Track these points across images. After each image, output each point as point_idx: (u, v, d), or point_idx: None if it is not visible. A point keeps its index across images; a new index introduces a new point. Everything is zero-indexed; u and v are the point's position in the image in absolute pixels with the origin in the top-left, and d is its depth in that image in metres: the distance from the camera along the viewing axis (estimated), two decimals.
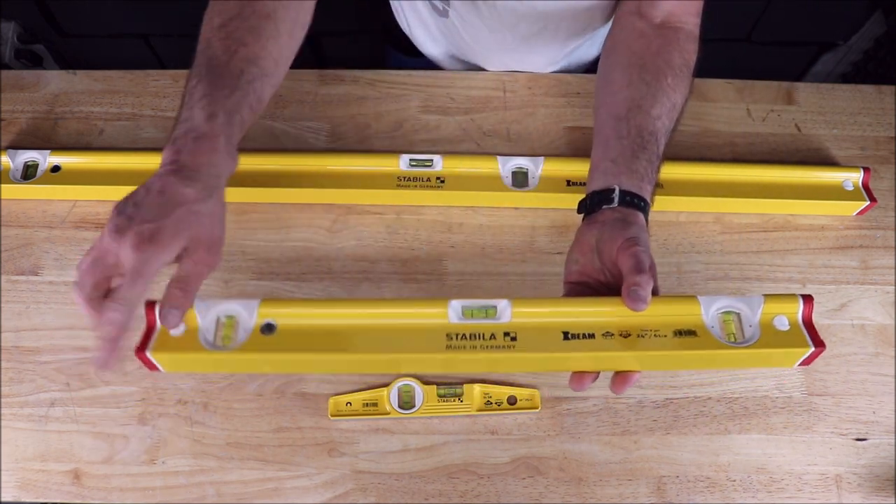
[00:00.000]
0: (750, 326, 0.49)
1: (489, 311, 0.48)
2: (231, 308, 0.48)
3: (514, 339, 0.47)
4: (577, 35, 0.78)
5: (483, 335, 0.47)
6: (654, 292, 0.49)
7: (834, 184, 0.73)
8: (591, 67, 0.89)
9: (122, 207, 0.45)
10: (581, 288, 0.53)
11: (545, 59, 0.82)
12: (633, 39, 0.60)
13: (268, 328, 0.48)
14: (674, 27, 0.60)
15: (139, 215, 0.44)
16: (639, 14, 0.61)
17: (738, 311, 0.50)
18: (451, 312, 0.48)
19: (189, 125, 0.48)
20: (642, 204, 0.52)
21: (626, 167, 0.53)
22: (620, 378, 0.50)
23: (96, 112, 0.77)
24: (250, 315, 0.48)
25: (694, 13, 0.61)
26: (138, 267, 0.43)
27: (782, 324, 0.49)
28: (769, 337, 0.49)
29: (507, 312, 0.48)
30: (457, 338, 0.47)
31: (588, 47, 0.85)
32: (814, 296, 0.50)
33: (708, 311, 0.49)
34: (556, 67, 0.85)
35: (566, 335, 0.48)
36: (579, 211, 0.55)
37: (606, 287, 0.51)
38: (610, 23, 0.70)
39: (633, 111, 0.55)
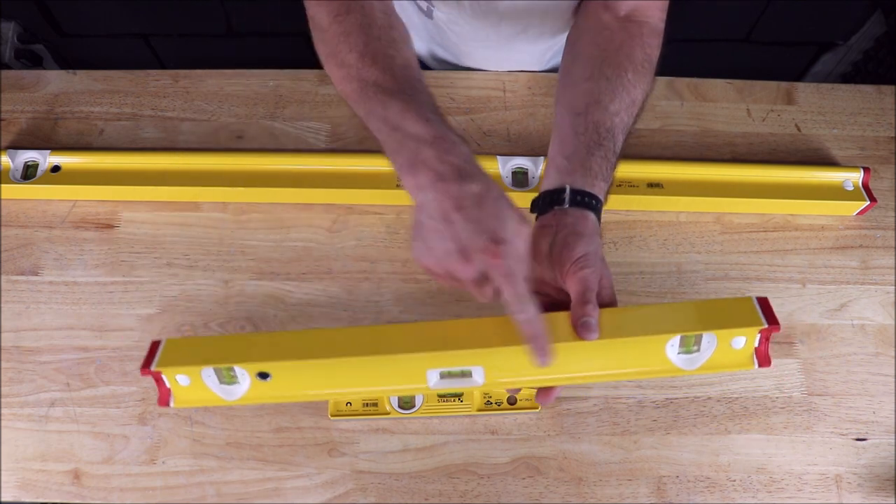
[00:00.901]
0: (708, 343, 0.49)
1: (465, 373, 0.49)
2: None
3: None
4: (561, 32, 0.78)
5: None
6: (611, 304, 0.50)
7: (834, 184, 0.73)
8: None
9: (433, 245, 0.44)
10: (540, 298, 0.50)
11: (531, 57, 0.82)
12: (597, 32, 0.60)
13: (263, 376, 0.50)
14: (638, 21, 0.60)
15: (466, 239, 0.43)
16: (604, 7, 0.60)
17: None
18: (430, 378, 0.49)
19: (415, 141, 0.46)
20: (594, 202, 0.52)
21: (580, 164, 0.53)
22: (544, 391, 0.51)
23: (96, 112, 0.77)
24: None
25: (659, 8, 0.61)
26: (508, 270, 0.43)
27: (739, 343, 0.49)
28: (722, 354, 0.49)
29: (481, 376, 0.49)
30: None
31: None
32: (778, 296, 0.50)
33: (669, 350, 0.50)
34: (544, 66, 0.85)
35: None
36: (532, 210, 0.55)
37: (562, 303, 0.51)
38: None
39: (592, 106, 0.55)
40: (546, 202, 0.53)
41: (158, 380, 0.50)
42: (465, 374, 0.49)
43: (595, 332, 0.46)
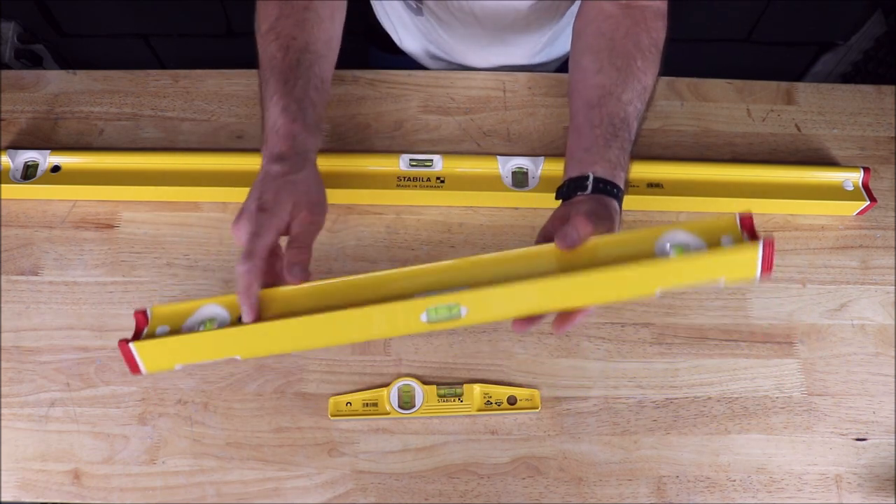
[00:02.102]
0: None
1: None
2: (212, 311, 0.50)
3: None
4: (549, 25, 0.78)
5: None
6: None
7: (834, 184, 0.73)
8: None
9: (240, 211, 0.52)
10: None
11: (523, 51, 0.82)
12: (601, 21, 0.60)
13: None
14: (640, 6, 0.60)
15: (245, 204, 0.52)
16: None
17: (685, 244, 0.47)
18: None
19: (270, 123, 0.55)
20: (615, 191, 0.53)
21: (599, 156, 0.54)
22: (562, 316, 0.49)
23: (96, 112, 0.77)
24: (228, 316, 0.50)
25: None
26: (255, 230, 0.49)
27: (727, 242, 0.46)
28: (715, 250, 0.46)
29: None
30: None
31: (569, 36, 0.85)
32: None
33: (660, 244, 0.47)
34: (538, 59, 0.85)
35: None
36: (557, 197, 0.56)
37: None
38: (574, 6, 0.71)
39: (605, 98, 0.56)
40: (570, 188, 0.54)
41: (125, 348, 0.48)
42: (454, 309, 0.47)
43: (571, 241, 0.46)
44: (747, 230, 0.46)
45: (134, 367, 0.48)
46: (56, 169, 0.72)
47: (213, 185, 0.71)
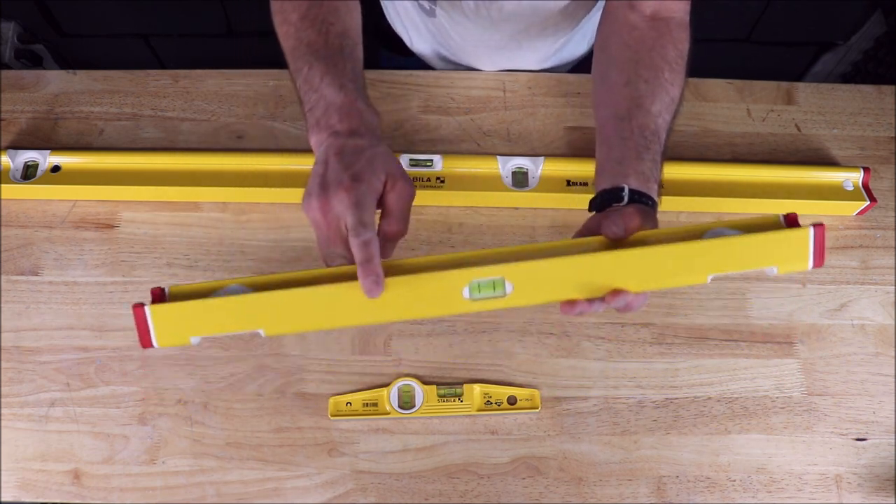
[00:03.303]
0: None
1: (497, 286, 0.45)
2: (235, 290, 0.46)
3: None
4: (565, 31, 0.78)
5: None
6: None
7: (834, 184, 0.73)
8: (582, 62, 0.89)
9: (310, 188, 0.47)
10: None
11: (536, 55, 0.82)
12: (626, 33, 0.60)
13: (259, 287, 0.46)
14: (665, 18, 0.60)
15: (332, 176, 0.46)
16: (630, 7, 0.61)
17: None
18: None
19: (326, 102, 0.51)
20: (650, 203, 0.52)
21: (632, 168, 0.53)
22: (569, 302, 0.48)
23: (96, 112, 0.77)
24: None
25: (683, 1, 0.61)
26: (357, 200, 0.44)
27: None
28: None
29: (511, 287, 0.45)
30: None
31: (578, 42, 0.85)
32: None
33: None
34: (548, 64, 0.85)
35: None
36: (590, 209, 0.55)
37: None
38: (597, 15, 0.70)
39: (634, 111, 0.55)
40: (605, 200, 0.53)
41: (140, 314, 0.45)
42: (498, 286, 0.45)
43: (619, 229, 0.46)
44: (791, 226, 0.46)
45: (146, 338, 0.44)
46: (56, 169, 0.72)
47: (213, 185, 0.71)
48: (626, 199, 0.52)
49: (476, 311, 0.44)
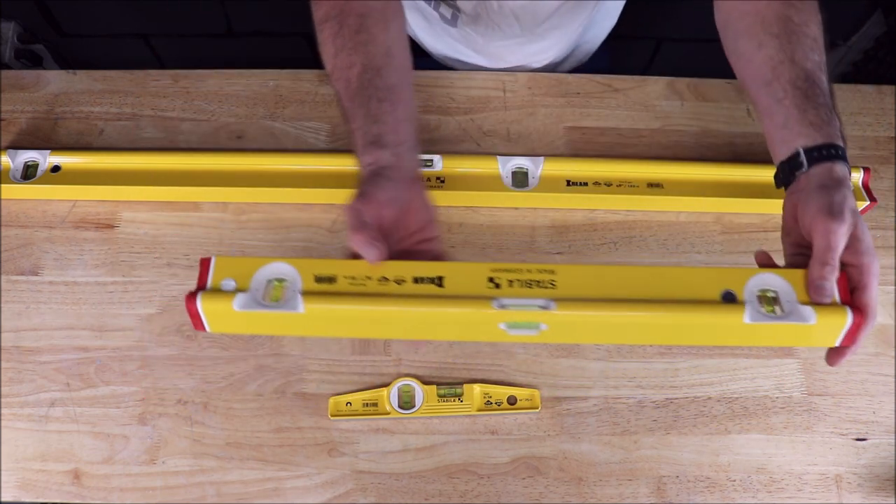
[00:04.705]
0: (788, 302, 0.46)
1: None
2: (281, 269, 0.47)
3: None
4: (587, 12, 0.78)
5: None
6: (867, 262, 0.46)
7: None
8: (598, 51, 0.89)
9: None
10: (800, 259, 0.50)
11: (560, 44, 0.82)
12: (740, 3, 0.58)
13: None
14: None
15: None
16: None
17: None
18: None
19: (368, 151, 0.53)
20: (834, 151, 0.49)
21: (799, 125, 0.51)
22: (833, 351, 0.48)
23: (96, 112, 0.77)
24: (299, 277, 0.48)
25: None
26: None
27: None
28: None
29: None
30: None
31: (601, 22, 0.84)
32: None
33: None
34: (570, 50, 0.85)
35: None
36: (777, 185, 0.53)
37: None
38: None
39: (778, 68, 0.53)
40: (787, 172, 0.51)
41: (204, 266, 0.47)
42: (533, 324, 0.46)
43: (827, 297, 0.45)
44: (841, 290, 0.46)
45: (198, 323, 0.47)
46: (56, 169, 0.72)
47: (213, 185, 0.71)
48: (805, 163, 0.49)
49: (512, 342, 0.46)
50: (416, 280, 0.47)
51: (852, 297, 0.46)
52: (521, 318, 0.45)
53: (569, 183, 0.71)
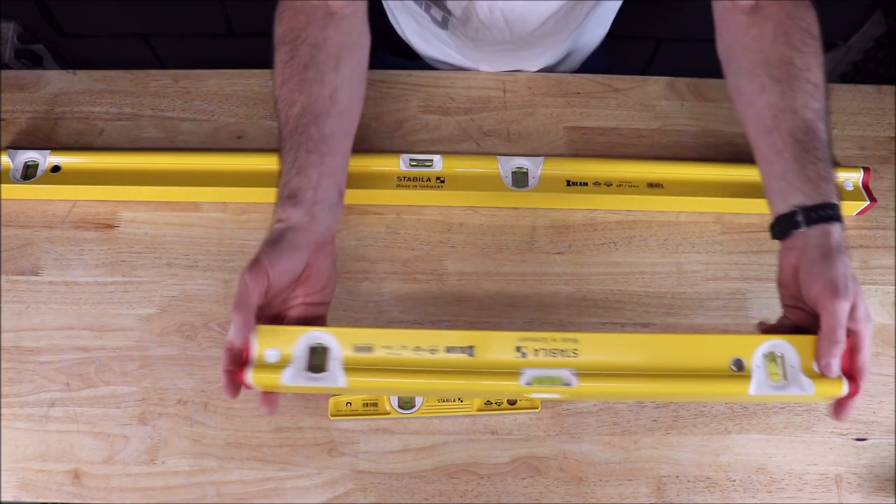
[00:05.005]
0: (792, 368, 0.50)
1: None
2: (321, 337, 0.50)
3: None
4: (577, 21, 0.78)
5: None
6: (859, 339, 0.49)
7: None
8: (598, 51, 0.89)
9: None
10: (798, 312, 0.53)
11: (550, 51, 0.82)
12: (743, 36, 0.58)
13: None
14: (775, 2, 0.57)
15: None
16: (735, 7, 0.58)
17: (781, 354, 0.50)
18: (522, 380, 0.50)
19: (283, 206, 0.54)
20: (829, 211, 0.50)
21: (797, 180, 0.51)
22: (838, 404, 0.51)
23: (96, 112, 0.77)
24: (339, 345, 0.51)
25: None
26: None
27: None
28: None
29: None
30: None
31: (592, 29, 0.84)
32: None
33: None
34: (560, 57, 0.85)
35: None
36: (773, 237, 0.54)
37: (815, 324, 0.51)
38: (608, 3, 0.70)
39: (779, 117, 0.53)
40: (784, 227, 0.52)
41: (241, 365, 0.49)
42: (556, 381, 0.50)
43: (834, 374, 0.48)
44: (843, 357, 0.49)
45: (238, 390, 0.50)
46: (56, 169, 0.72)
47: (213, 185, 0.71)
48: (803, 223, 0.51)
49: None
50: (449, 350, 0.50)
51: (850, 358, 0.49)
52: (544, 391, 0.49)
53: (569, 183, 0.72)
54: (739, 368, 0.49)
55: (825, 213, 0.50)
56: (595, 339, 0.50)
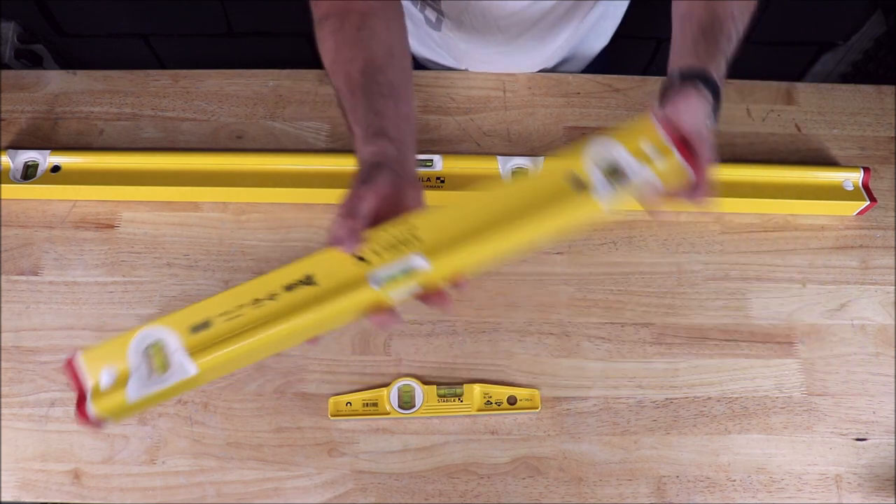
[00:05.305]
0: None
1: None
2: (152, 334, 0.45)
3: None
4: (569, 27, 0.78)
5: None
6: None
7: (834, 184, 0.73)
8: (597, 60, 0.89)
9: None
10: None
11: (540, 56, 0.82)
12: None
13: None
14: None
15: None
16: None
17: None
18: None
19: (372, 140, 0.52)
20: (702, 74, 0.51)
21: (688, 55, 0.54)
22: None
23: (96, 112, 0.77)
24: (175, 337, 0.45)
25: None
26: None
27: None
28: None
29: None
30: None
31: (586, 39, 0.84)
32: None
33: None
34: (551, 63, 0.85)
35: None
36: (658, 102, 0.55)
37: None
38: (596, 7, 0.73)
39: (694, 8, 0.56)
40: (663, 86, 0.53)
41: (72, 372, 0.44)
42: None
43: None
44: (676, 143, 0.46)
45: (97, 425, 0.44)
46: (56, 169, 0.72)
47: (213, 185, 0.71)
48: (677, 80, 0.51)
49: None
50: (288, 288, 0.45)
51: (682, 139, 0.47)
52: (401, 286, 0.45)
53: None
54: (580, 185, 0.45)
55: (697, 74, 0.51)
56: (431, 217, 0.46)
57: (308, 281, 0.45)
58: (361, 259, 0.45)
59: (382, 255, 0.45)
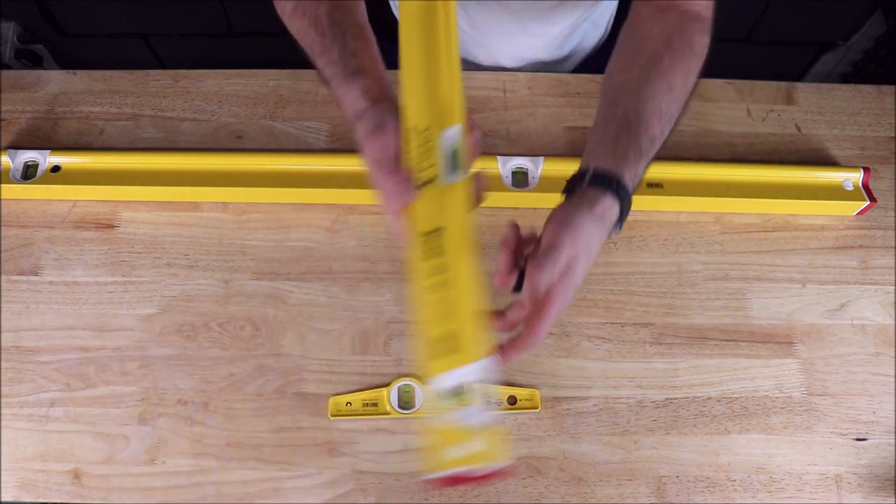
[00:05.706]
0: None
1: None
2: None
3: None
4: (573, 15, 0.77)
5: None
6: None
7: (834, 184, 0.73)
8: (594, 54, 0.89)
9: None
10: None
11: (545, 41, 0.81)
12: (637, 24, 0.60)
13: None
14: (679, 10, 0.59)
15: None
16: (650, 4, 0.60)
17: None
18: None
19: (335, 94, 0.51)
20: (613, 183, 0.50)
21: (606, 150, 0.52)
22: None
23: (96, 112, 0.77)
24: None
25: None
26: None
27: None
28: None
29: None
30: None
31: (590, 30, 0.84)
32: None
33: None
34: (558, 53, 0.85)
35: None
36: (562, 192, 0.54)
37: None
38: (608, 3, 0.71)
39: (623, 95, 0.55)
40: (571, 184, 0.52)
41: None
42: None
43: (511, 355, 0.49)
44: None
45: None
46: (56, 169, 0.72)
47: (213, 185, 0.71)
48: (587, 182, 0.50)
49: None
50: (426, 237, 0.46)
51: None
52: (461, 162, 0.45)
53: None
54: None
55: (608, 183, 0.50)
56: (412, 109, 0.46)
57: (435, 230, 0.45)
58: (424, 184, 0.44)
59: (431, 163, 0.44)
